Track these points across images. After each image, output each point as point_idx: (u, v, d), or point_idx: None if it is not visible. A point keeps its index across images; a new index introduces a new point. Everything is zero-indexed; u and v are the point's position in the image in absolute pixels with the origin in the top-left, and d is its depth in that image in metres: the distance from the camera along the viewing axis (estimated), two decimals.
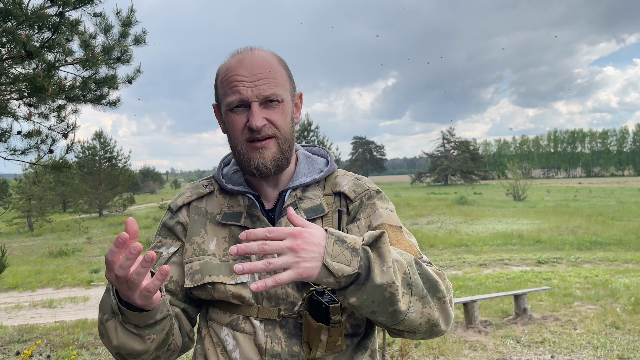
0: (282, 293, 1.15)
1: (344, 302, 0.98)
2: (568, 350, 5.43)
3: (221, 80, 1.18)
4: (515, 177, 35.73)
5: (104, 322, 1.05)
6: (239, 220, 1.21)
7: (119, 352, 1.06)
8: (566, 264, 11.02)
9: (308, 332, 1.09)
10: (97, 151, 32.73)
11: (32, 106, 4.27)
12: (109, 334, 1.04)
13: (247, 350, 1.14)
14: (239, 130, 1.16)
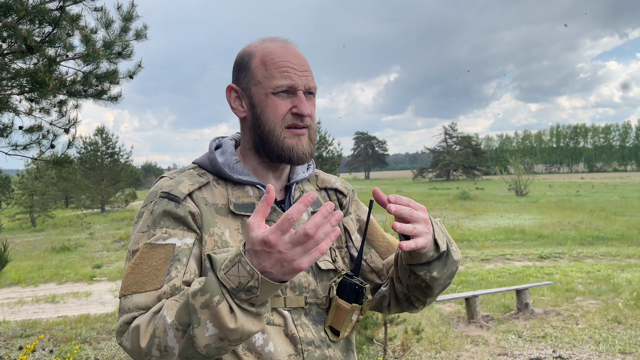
0: (305, 281, 1.18)
1: (426, 275, 1.13)
2: (570, 345, 5.43)
3: (264, 62, 1.16)
4: (518, 172, 35.67)
5: (214, 306, 0.90)
6: (252, 211, 1.15)
7: (227, 336, 0.93)
8: (568, 259, 11.01)
9: (336, 315, 1.17)
10: (99, 147, 32.77)
11: (33, 101, 4.27)
12: (223, 319, 0.90)
13: (280, 342, 1.12)
14: (281, 114, 1.15)
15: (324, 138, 33.26)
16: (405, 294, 1.24)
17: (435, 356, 5.25)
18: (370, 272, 1.31)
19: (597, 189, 41.02)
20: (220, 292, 0.91)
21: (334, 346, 1.20)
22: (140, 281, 1.05)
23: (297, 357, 1.12)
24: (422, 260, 1.11)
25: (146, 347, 0.97)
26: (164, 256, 1.07)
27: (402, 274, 1.20)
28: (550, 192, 37.82)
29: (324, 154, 33.03)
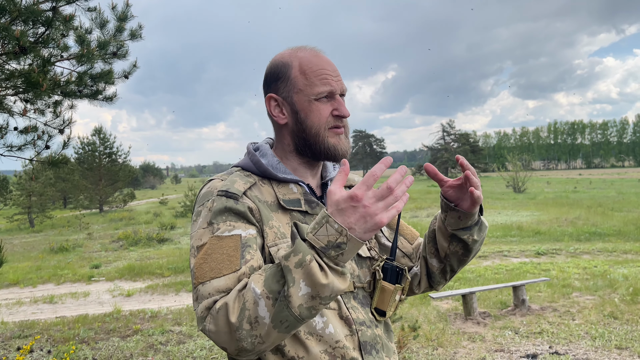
0: (350, 268, 1.30)
1: (469, 238, 1.32)
2: (566, 341, 5.45)
3: (304, 71, 1.28)
4: (515, 169, 35.72)
5: (307, 264, 0.98)
6: (300, 206, 1.29)
7: (319, 293, 0.99)
8: (565, 255, 11.04)
9: (381, 297, 1.30)
10: (97, 147, 32.72)
11: (28, 102, 4.27)
12: (314, 276, 0.97)
13: (337, 324, 1.22)
14: (325, 117, 1.29)
15: None
16: (440, 267, 1.40)
17: (432, 353, 5.26)
18: (403, 256, 1.48)
19: (595, 185, 41.08)
20: (311, 252, 1.00)
21: (381, 326, 1.33)
22: (216, 268, 1.11)
23: (352, 337, 1.23)
24: (467, 224, 1.31)
25: (237, 322, 1.01)
26: (233, 244, 1.14)
27: (441, 244, 1.37)
28: (548, 189, 37.88)
29: None
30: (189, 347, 5.65)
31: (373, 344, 1.27)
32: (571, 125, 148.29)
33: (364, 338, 1.25)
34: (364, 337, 1.25)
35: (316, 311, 1.03)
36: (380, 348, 1.28)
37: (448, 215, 1.32)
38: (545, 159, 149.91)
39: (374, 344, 1.27)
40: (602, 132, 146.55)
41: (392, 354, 1.34)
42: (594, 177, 59.25)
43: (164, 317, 7.01)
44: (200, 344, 5.72)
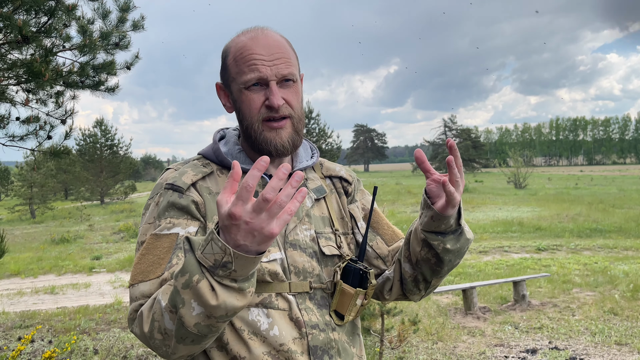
0: (309, 267, 1.21)
1: (439, 246, 1.17)
2: (566, 336, 5.46)
3: (235, 58, 1.18)
4: (517, 165, 35.68)
5: (194, 285, 0.91)
6: None
7: (212, 313, 0.93)
8: (566, 251, 11.04)
9: (341, 300, 1.21)
10: (98, 139, 32.71)
11: (30, 92, 4.26)
12: (202, 296, 0.90)
13: (285, 326, 1.15)
14: (256, 109, 1.17)
15: (323, 130, 33.24)
16: (412, 274, 1.27)
17: (432, 347, 5.27)
18: (376, 258, 1.36)
19: (596, 182, 41.05)
20: (200, 271, 0.91)
21: (339, 330, 1.23)
22: (145, 270, 1.10)
23: (301, 340, 1.15)
24: (440, 228, 1.16)
25: (149, 332, 1.01)
26: (167, 245, 1.11)
27: (413, 248, 1.23)
28: (549, 185, 37.85)
29: (323, 146, 33.01)
30: None
31: (326, 349, 1.18)
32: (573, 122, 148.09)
33: (314, 342, 1.16)
34: (315, 341, 1.16)
35: (217, 328, 0.98)
36: (334, 353, 1.19)
37: (423, 213, 1.18)
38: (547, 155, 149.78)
39: (327, 349, 1.18)
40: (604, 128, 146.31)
41: (352, 358, 1.25)
42: (595, 174, 59.20)
43: None
44: None
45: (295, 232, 1.22)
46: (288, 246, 1.20)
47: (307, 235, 1.24)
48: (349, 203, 1.37)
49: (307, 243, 1.23)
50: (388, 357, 4.91)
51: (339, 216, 1.34)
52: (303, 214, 1.25)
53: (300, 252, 1.21)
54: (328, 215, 1.31)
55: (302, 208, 1.25)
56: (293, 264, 1.19)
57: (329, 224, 1.30)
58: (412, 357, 4.99)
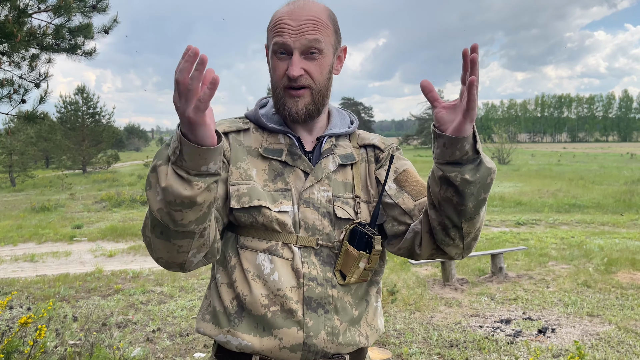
0: (320, 225, 1.27)
1: (457, 177, 1.08)
2: (539, 307, 5.60)
3: (270, 24, 1.27)
4: (501, 141, 35.94)
5: (157, 168, 1.04)
6: (280, 156, 1.30)
7: (165, 196, 1.02)
8: (544, 225, 11.24)
9: (345, 260, 1.25)
10: (80, 106, 32.13)
11: (4, 54, 4.14)
12: (159, 177, 1.02)
13: (285, 273, 1.22)
14: (280, 75, 1.25)
15: None
16: (438, 220, 1.18)
17: (409, 317, 5.37)
18: (403, 214, 1.30)
19: (578, 159, 41.59)
20: (165, 158, 1.03)
21: (342, 289, 1.27)
22: None
23: (298, 289, 1.22)
24: (455, 156, 1.08)
25: (142, 230, 1.15)
26: None
27: (433, 189, 1.16)
28: (532, 161, 38.27)
29: None
30: (169, 307, 5.69)
31: (322, 303, 1.23)
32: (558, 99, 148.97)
33: (309, 294, 1.23)
34: (310, 293, 1.23)
35: (175, 218, 1.04)
36: (331, 309, 1.24)
37: (435, 144, 1.12)
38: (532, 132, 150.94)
39: (323, 304, 1.24)
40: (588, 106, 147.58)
41: (356, 321, 1.29)
42: (577, 151, 59.96)
43: (146, 277, 7.04)
44: (181, 304, 5.77)
45: (311, 191, 1.28)
46: (302, 202, 1.27)
47: (323, 195, 1.29)
48: (377, 169, 1.38)
49: (322, 203, 1.28)
50: None
51: (364, 184, 1.37)
52: (322, 175, 1.30)
53: (313, 210, 1.27)
54: (352, 181, 1.34)
55: (323, 170, 1.31)
56: (304, 219, 1.26)
57: (350, 190, 1.33)
58: (390, 326, 5.08)
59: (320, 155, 1.33)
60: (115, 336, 4.81)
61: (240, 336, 1.22)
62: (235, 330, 1.23)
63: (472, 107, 1.04)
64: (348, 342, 1.26)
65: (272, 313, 1.21)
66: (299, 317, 1.21)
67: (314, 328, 1.22)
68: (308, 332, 1.21)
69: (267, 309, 1.21)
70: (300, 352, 1.21)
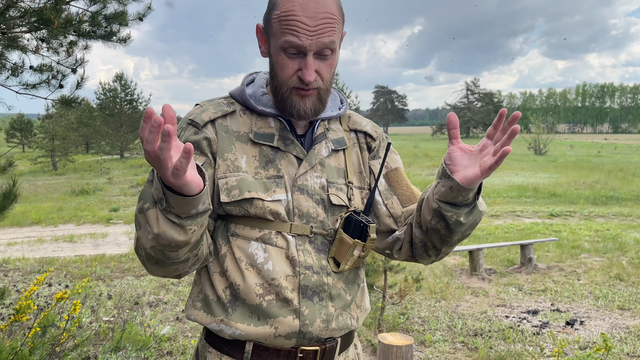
0: (314, 212, 1.24)
1: (452, 217, 1.15)
2: (569, 300, 5.51)
3: (280, 16, 1.15)
4: (538, 131, 35.06)
5: (145, 211, 1.01)
6: (272, 141, 1.25)
7: (158, 241, 1.02)
8: (579, 217, 10.98)
9: (339, 248, 1.24)
10: (118, 93, 32.90)
11: (43, 41, 4.30)
12: (150, 223, 1.00)
13: (280, 262, 1.20)
14: (288, 75, 1.18)
15: (342, 90, 32.94)
16: (422, 239, 1.27)
17: (434, 305, 5.38)
18: (388, 216, 1.34)
19: (620, 150, 40.21)
20: (152, 200, 1.01)
21: (336, 276, 1.26)
22: None
23: (294, 278, 1.20)
24: (457, 200, 1.13)
25: (135, 249, 1.13)
26: None
27: (424, 216, 1.22)
28: (570, 152, 37.23)
29: None
30: None
31: (317, 290, 1.22)
32: (601, 88, 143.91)
33: (305, 282, 1.21)
34: (306, 281, 1.21)
35: (169, 257, 1.06)
36: (325, 297, 1.23)
37: (440, 182, 1.15)
38: (571, 122, 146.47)
39: (319, 292, 1.22)
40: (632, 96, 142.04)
41: (349, 306, 1.30)
42: (619, 142, 57.92)
43: None
44: None
45: (304, 178, 1.24)
46: (296, 190, 1.23)
47: (317, 182, 1.26)
48: (371, 159, 1.36)
49: (316, 190, 1.25)
50: (390, 312, 5.03)
51: (357, 170, 1.34)
52: (316, 162, 1.27)
53: (307, 197, 1.24)
54: (344, 167, 1.32)
55: (317, 156, 1.27)
56: (298, 207, 1.23)
57: (343, 176, 1.30)
58: (414, 314, 5.10)
59: (313, 140, 1.29)
60: (146, 314, 4.99)
61: (234, 325, 1.19)
62: (229, 319, 1.20)
63: (494, 169, 1.08)
64: (341, 326, 1.26)
65: (267, 302, 1.19)
66: (295, 306, 1.20)
67: (310, 316, 1.21)
68: (304, 320, 1.20)
69: (262, 298, 1.19)
70: (295, 339, 1.21)
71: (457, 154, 1.14)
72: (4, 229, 9.68)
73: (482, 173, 1.08)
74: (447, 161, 1.14)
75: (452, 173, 1.12)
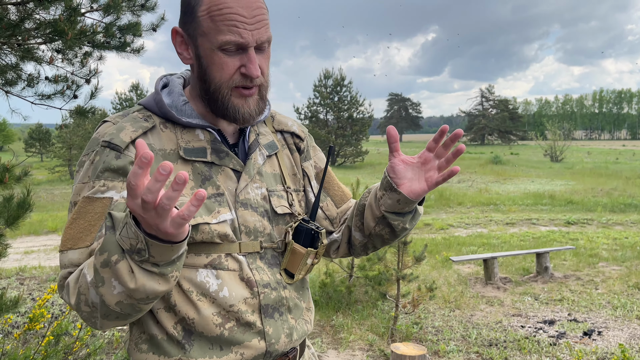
0: (260, 226, 1.17)
1: (399, 225, 1.20)
2: (586, 309, 5.41)
3: (211, 12, 1.04)
4: (554, 138, 34.73)
5: (112, 265, 0.87)
6: (204, 156, 1.13)
7: (133, 296, 0.90)
8: (596, 225, 10.81)
9: (291, 259, 1.19)
10: (134, 103, 33.32)
11: (59, 52, 4.37)
12: (121, 277, 0.87)
13: (235, 286, 1.12)
14: (229, 74, 1.07)
15: (355, 99, 32.95)
16: (362, 241, 1.29)
17: (448, 314, 5.31)
18: (325, 219, 1.34)
19: (638, 157, 39.62)
20: (120, 250, 0.88)
21: (290, 287, 1.22)
22: (75, 237, 1.03)
23: (253, 299, 1.13)
24: (404, 210, 1.18)
25: (75, 304, 0.97)
26: (100, 210, 1.03)
27: (367, 223, 1.24)
28: (587, 159, 36.77)
29: (355, 115, 32.79)
30: None
31: (277, 307, 1.17)
32: (618, 94, 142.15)
33: (266, 301, 1.15)
34: (267, 300, 1.15)
35: (141, 309, 0.95)
36: (285, 310, 1.19)
37: (386, 195, 1.16)
38: (588, 129, 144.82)
39: (278, 307, 1.18)
40: None
41: (303, 312, 1.26)
42: (638, 149, 57.08)
43: None
44: None
45: (246, 191, 1.16)
46: (239, 206, 1.14)
47: (258, 193, 1.18)
48: (303, 161, 1.33)
49: (259, 202, 1.18)
50: (403, 322, 4.98)
51: (290, 172, 1.30)
52: (254, 172, 1.19)
53: (252, 211, 1.16)
54: (279, 172, 1.26)
55: (254, 165, 1.19)
56: (244, 223, 1.14)
57: (280, 181, 1.25)
58: (428, 323, 5.04)
59: (248, 149, 1.21)
60: None
61: None
62: (187, 356, 1.09)
63: (440, 184, 1.14)
64: (300, 335, 1.23)
65: (229, 330, 1.10)
66: (259, 327, 1.14)
67: (275, 334, 1.16)
68: (270, 340, 1.15)
69: (222, 327, 1.10)
70: (262, 359, 1.15)
71: (400, 167, 1.15)
72: (21, 237, 9.80)
73: (429, 187, 1.14)
74: (391, 174, 1.15)
75: (398, 186, 1.15)
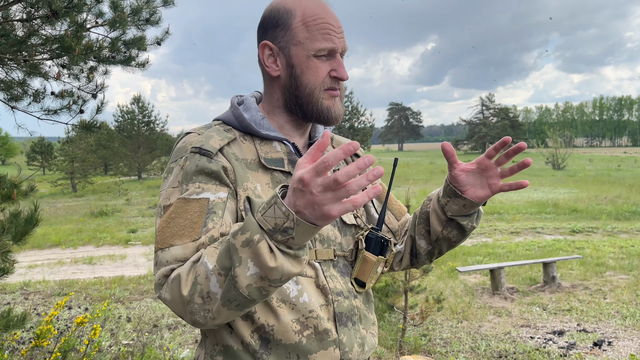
0: (332, 235, 1.23)
1: (468, 224, 1.27)
2: (595, 319, 5.37)
3: (306, 22, 1.16)
4: (555, 146, 34.71)
5: (254, 244, 0.90)
6: (282, 166, 1.20)
7: (268, 275, 0.91)
8: (602, 233, 10.75)
9: (362, 267, 1.24)
10: (136, 115, 33.42)
11: (65, 67, 4.37)
12: (261, 256, 0.90)
13: (312, 292, 1.15)
14: (322, 77, 1.18)
15: (356, 109, 33.01)
16: (427, 248, 1.34)
17: (456, 326, 5.27)
18: (388, 232, 1.39)
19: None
20: (260, 231, 0.90)
21: (360, 297, 1.26)
22: (177, 234, 1.05)
23: (327, 307, 1.17)
24: (470, 212, 1.25)
25: (188, 295, 0.97)
26: (198, 209, 1.06)
27: (434, 228, 1.29)
28: (589, 166, 36.71)
29: (356, 125, 32.84)
30: None
31: (349, 315, 1.20)
32: (618, 101, 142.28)
33: (339, 309, 1.18)
34: (340, 308, 1.18)
35: (267, 292, 0.95)
36: (357, 320, 1.22)
37: (451, 201, 1.24)
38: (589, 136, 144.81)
39: (351, 316, 1.20)
40: None
41: (371, 325, 1.29)
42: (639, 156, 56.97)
43: None
44: None
45: None
46: None
47: None
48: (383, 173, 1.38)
49: None
50: (411, 334, 4.93)
51: None
52: None
53: None
54: None
55: None
56: (319, 231, 1.19)
57: None
58: (436, 335, 5.00)
59: None
60: (165, 337, 4.96)
61: None
62: None
63: (504, 191, 1.20)
64: (370, 347, 1.25)
65: (307, 338, 1.13)
66: (334, 336, 1.16)
67: (349, 343, 1.18)
68: (344, 348, 1.17)
69: (301, 334, 1.12)
70: None
71: (462, 177, 1.21)
72: (24, 251, 9.78)
73: (492, 193, 1.20)
74: (454, 183, 1.22)
75: (463, 193, 1.22)
